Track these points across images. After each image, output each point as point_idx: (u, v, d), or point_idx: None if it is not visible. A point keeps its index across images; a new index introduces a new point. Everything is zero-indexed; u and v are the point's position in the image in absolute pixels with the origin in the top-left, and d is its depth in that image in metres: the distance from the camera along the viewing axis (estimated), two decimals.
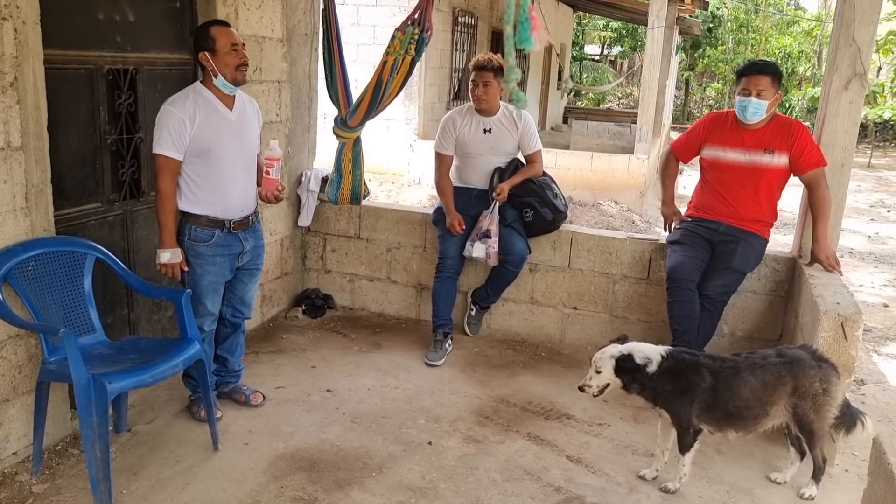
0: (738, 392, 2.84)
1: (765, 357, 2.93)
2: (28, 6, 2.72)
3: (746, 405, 2.85)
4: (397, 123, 10.07)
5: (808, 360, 2.90)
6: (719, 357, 2.97)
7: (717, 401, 2.83)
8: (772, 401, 2.87)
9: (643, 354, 2.87)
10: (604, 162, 9.90)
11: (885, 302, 6.29)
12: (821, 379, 2.87)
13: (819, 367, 2.89)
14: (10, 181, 2.74)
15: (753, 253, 3.82)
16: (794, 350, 2.99)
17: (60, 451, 3.05)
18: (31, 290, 2.81)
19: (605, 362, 2.88)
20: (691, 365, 2.87)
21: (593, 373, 2.91)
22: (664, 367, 2.84)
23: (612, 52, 29.66)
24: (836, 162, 3.73)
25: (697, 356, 2.93)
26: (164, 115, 3.00)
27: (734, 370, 2.87)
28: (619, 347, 2.92)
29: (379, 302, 4.87)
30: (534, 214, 4.24)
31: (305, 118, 4.73)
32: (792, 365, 2.88)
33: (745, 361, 2.91)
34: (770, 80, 3.60)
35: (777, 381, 2.86)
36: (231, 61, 3.05)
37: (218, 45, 3.02)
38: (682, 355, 2.91)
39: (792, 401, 2.87)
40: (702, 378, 2.83)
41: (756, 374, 2.86)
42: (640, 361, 2.84)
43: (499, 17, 12.78)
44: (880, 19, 13.34)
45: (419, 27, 3.83)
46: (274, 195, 3.27)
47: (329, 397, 3.66)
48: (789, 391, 2.86)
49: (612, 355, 2.88)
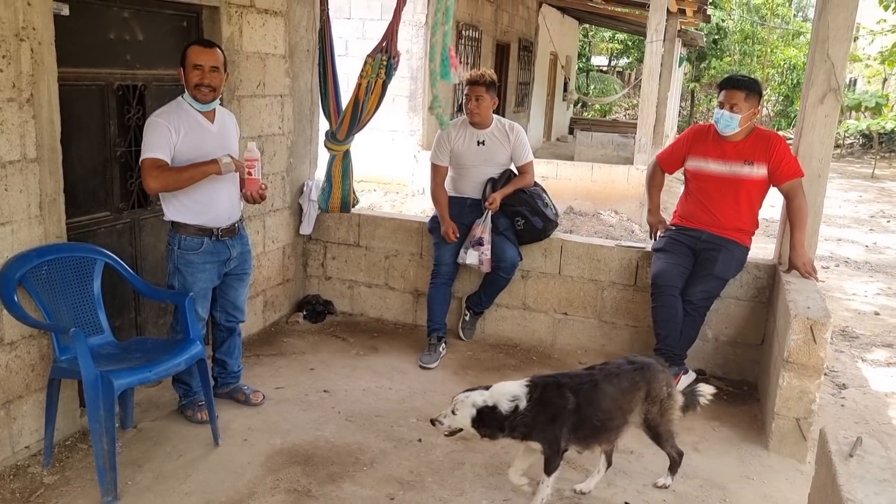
0: (600, 405, 2.81)
1: (618, 366, 2.94)
2: (44, 28, 2.92)
3: (609, 416, 2.84)
4: (402, 135, 10.28)
5: (656, 365, 2.98)
6: (576, 374, 2.93)
7: (583, 419, 2.78)
8: (630, 407, 2.88)
9: (510, 396, 2.73)
10: (604, 172, 10.06)
11: (877, 310, 6.40)
12: (667, 383, 2.95)
13: (664, 372, 2.97)
14: (25, 191, 2.94)
15: (735, 260, 3.97)
16: (642, 357, 3.04)
17: (70, 445, 3.24)
18: (44, 292, 3.00)
19: (465, 408, 2.73)
20: (555, 388, 2.79)
21: (449, 412, 2.77)
22: (533, 399, 2.74)
23: (620, 64, 29.88)
24: (813, 173, 3.89)
25: (556, 378, 2.86)
26: (151, 125, 3.14)
27: (593, 384, 2.83)
28: (483, 396, 2.75)
29: (377, 307, 5.04)
30: (525, 223, 4.41)
31: (307, 131, 4.93)
32: (644, 371, 2.92)
33: (601, 373, 2.89)
34: (745, 94, 3.76)
35: (633, 388, 2.88)
36: (191, 80, 3.18)
37: (186, 62, 3.18)
38: (544, 381, 2.83)
39: (644, 406, 2.90)
40: (566, 400, 2.76)
41: (613, 384, 2.85)
42: (508, 408, 2.70)
43: (503, 30, 13.00)
44: (885, 31, 13.20)
45: (387, 54, 4.26)
46: (259, 194, 3.41)
47: (326, 397, 3.83)
48: (643, 396, 2.89)
49: (474, 404, 2.73)
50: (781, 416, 3.40)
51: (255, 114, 4.32)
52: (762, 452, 3.44)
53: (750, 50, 25.36)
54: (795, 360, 3.31)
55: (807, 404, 3.34)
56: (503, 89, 13.17)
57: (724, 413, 3.84)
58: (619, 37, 25.88)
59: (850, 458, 1.95)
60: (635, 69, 29.17)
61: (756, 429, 3.68)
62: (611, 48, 28.17)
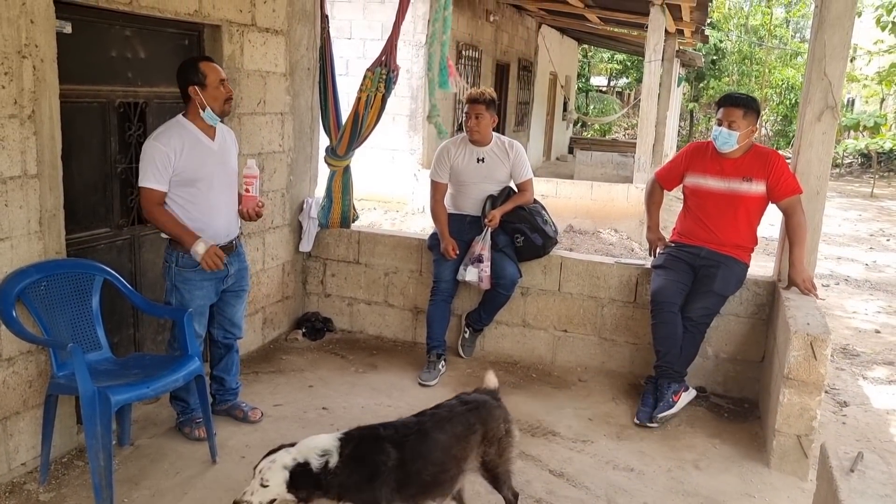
0: (429, 458, 2.52)
1: (450, 409, 2.67)
2: (46, 46, 2.95)
3: (442, 468, 2.56)
4: (402, 153, 10.32)
5: (492, 401, 2.75)
6: (401, 423, 2.61)
7: (409, 475, 2.47)
8: (465, 454, 2.61)
9: (319, 451, 2.42)
10: (604, 191, 10.08)
11: (877, 328, 6.38)
12: (504, 419, 2.73)
13: (500, 408, 2.75)
14: (25, 207, 2.95)
15: (734, 277, 3.97)
16: (475, 395, 2.79)
17: (66, 462, 3.22)
18: (42, 308, 3.00)
19: (276, 474, 2.39)
20: (372, 442, 2.49)
21: (256, 485, 2.40)
22: (345, 455, 2.43)
23: (619, 84, 30.08)
24: (812, 190, 3.90)
25: (377, 429, 2.55)
26: (149, 149, 3.15)
27: (421, 434, 2.54)
28: (290, 454, 2.43)
29: (376, 325, 5.03)
30: (524, 240, 4.41)
31: (307, 148, 4.95)
32: (479, 410, 2.67)
33: (431, 420, 2.60)
34: (742, 112, 3.79)
35: (468, 432, 2.62)
36: (220, 95, 3.24)
37: (208, 80, 3.21)
38: (359, 434, 2.53)
39: (481, 448, 2.65)
40: (386, 455, 2.45)
41: (446, 430, 2.57)
42: (319, 465, 2.39)
43: (503, 50, 13.10)
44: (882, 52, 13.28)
45: (386, 68, 4.32)
46: (255, 211, 3.45)
47: (324, 414, 3.81)
48: (479, 439, 2.64)
49: (284, 466, 2.39)
50: (782, 433, 3.38)
51: (255, 131, 4.34)
52: (763, 470, 3.42)
53: (748, 70, 25.54)
54: (796, 377, 3.30)
55: (808, 421, 3.32)
56: (503, 109, 13.25)
57: (724, 430, 3.82)
58: (618, 57, 26.08)
59: (852, 474, 1.94)
60: (634, 89, 29.36)
61: (757, 446, 3.65)
62: (610, 68, 28.37)
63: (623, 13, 11.32)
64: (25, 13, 2.84)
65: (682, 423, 3.87)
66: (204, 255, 3.19)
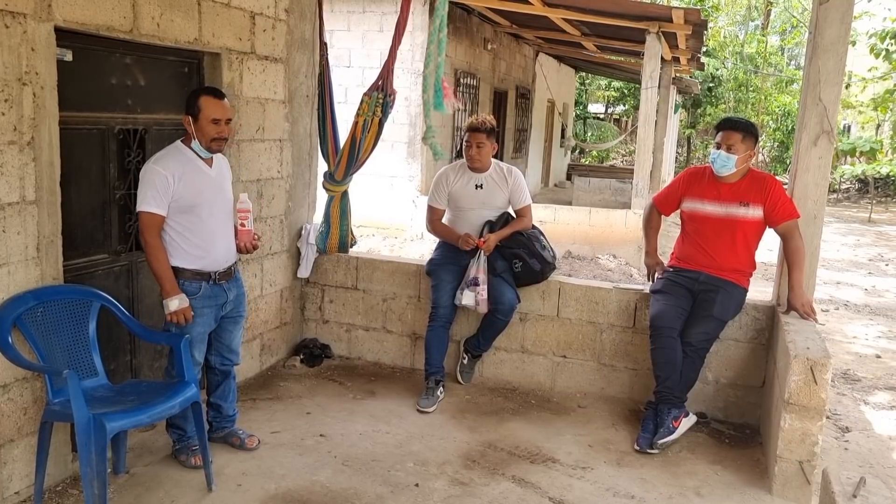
0: None
1: None
2: (47, 73, 2.97)
3: None
4: (401, 180, 10.36)
5: None
6: None
7: None
8: None
9: None
10: (602, 217, 10.11)
11: (878, 353, 6.36)
12: None
13: None
14: (23, 233, 2.95)
15: (733, 301, 3.96)
16: None
17: (61, 491, 3.18)
18: (38, 334, 2.99)
19: None
20: None
21: None
22: None
23: (616, 111, 30.29)
24: (809, 214, 3.91)
25: None
26: (148, 173, 3.16)
27: None
28: None
29: (375, 351, 5.01)
30: (523, 265, 4.40)
31: (306, 174, 4.96)
32: None
33: None
34: (741, 136, 3.81)
35: None
36: (208, 133, 3.22)
37: (202, 115, 3.20)
38: None
39: None
40: None
41: None
42: None
43: (500, 78, 13.20)
44: (877, 79, 13.47)
45: (382, 92, 4.30)
46: (252, 244, 3.47)
47: (322, 441, 3.77)
48: None
49: None
50: (784, 458, 3.34)
51: (254, 158, 4.36)
52: (765, 497, 3.38)
53: (745, 97, 25.72)
54: (796, 402, 3.27)
55: (809, 447, 3.29)
56: (501, 136, 13.31)
57: (726, 457, 3.79)
58: (616, 84, 26.27)
59: (854, 499, 1.91)
60: (632, 116, 29.56)
61: (759, 472, 3.62)
62: (607, 95, 28.57)
63: (619, 41, 11.45)
64: (26, 41, 2.87)
65: (682, 450, 3.84)
66: (176, 310, 3.19)
